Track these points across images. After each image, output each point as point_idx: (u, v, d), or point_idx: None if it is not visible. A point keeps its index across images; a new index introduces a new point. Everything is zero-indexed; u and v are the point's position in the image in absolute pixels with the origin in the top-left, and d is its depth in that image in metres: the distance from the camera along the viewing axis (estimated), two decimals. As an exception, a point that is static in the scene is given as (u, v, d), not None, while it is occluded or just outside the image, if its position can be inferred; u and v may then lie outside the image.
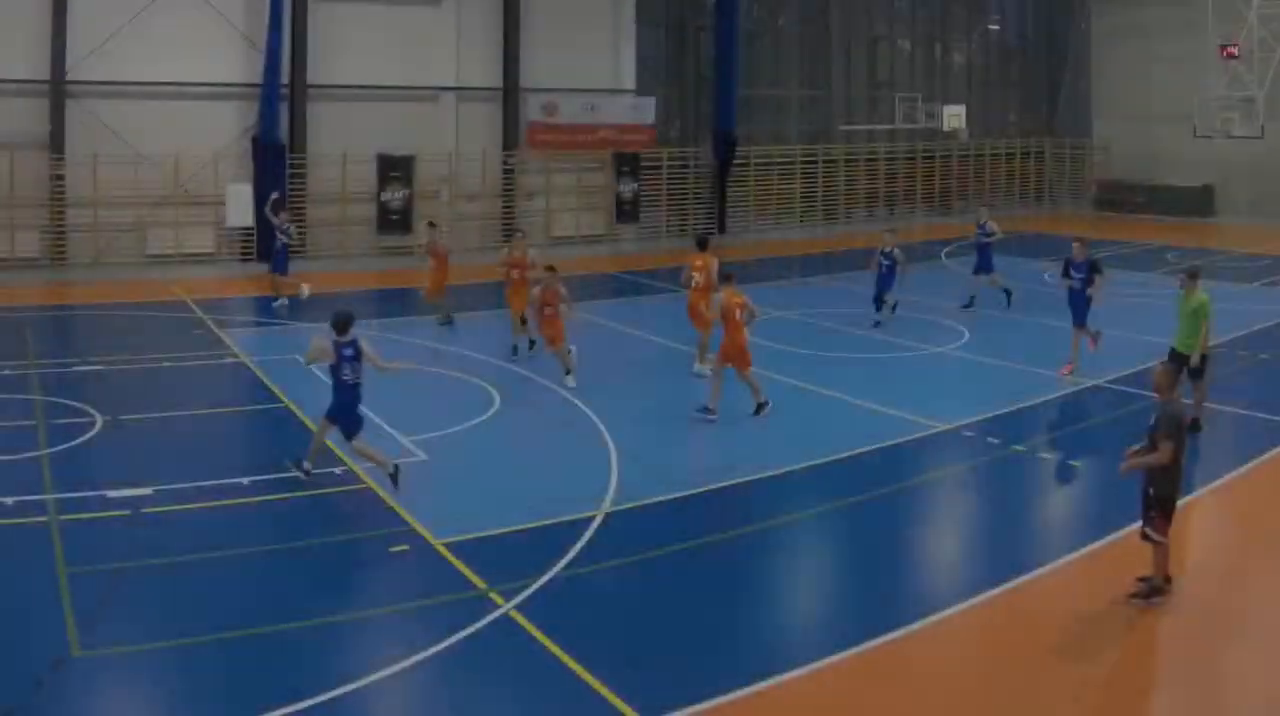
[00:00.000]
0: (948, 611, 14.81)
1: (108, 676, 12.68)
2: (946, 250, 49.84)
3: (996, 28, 72.91)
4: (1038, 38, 73.31)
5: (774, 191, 59.47)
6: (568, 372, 25.58)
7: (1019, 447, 22.00)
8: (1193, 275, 22.69)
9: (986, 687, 13.21)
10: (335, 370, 18.92)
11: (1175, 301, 22.79)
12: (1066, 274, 27.32)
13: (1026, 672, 13.48)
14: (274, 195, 38.28)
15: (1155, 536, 15.05)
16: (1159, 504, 15.01)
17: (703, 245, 27.72)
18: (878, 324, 32.14)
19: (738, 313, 23.17)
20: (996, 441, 22.17)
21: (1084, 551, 16.86)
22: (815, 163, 60.74)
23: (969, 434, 22.67)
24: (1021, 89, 73.93)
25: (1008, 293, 35.67)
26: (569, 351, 25.68)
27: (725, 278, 24.27)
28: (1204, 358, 22.40)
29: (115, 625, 13.72)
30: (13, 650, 13.02)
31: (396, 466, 18.73)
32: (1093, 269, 26.89)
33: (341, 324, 18.99)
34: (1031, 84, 73.89)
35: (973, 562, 17.32)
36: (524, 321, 28.41)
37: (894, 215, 63.42)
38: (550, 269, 25.91)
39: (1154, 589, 15.11)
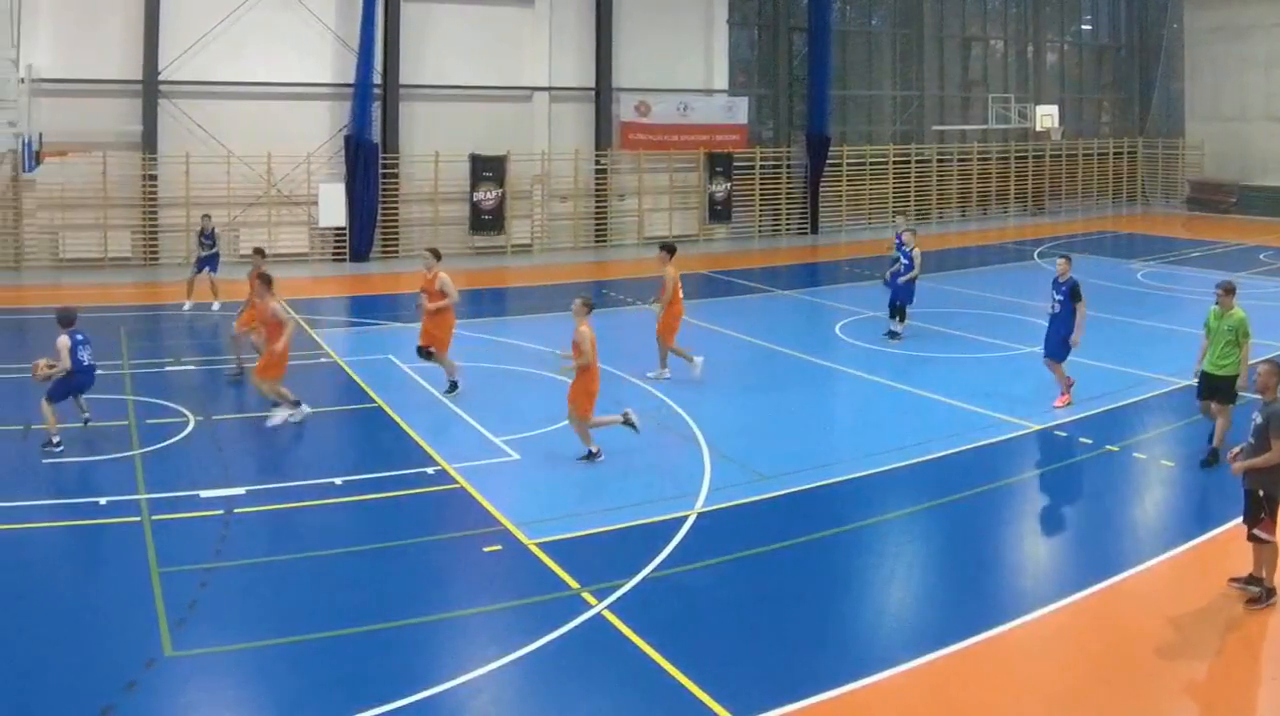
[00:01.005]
0: (1044, 610, 14.39)
1: (199, 677, 12.40)
2: (1039, 250, 48.30)
3: (1089, 27, 70.99)
4: (1130, 37, 70.87)
5: (866, 191, 57.71)
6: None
7: (1112, 447, 21.01)
8: (1229, 290, 20.18)
9: (1087, 687, 12.58)
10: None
11: (1209, 318, 20.38)
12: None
13: (1128, 671, 12.92)
14: None
15: (1265, 537, 14.40)
16: (1268, 504, 14.40)
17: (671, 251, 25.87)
18: (893, 334, 29.09)
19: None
20: (1089, 441, 21.31)
21: (1180, 550, 16.40)
22: (907, 163, 59.00)
23: (1061, 434, 21.91)
24: (1114, 89, 71.85)
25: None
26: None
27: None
28: (1235, 380, 19.86)
29: (207, 625, 13.41)
30: (106, 650, 12.74)
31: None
32: (1073, 294, 22.92)
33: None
34: (1124, 84, 71.55)
35: (1068, 561, 16.64)
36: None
37: (986, 215, 62.19)
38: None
39: (1268, 591, 14.44)
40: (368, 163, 44.28)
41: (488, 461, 19.24)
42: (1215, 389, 20.02)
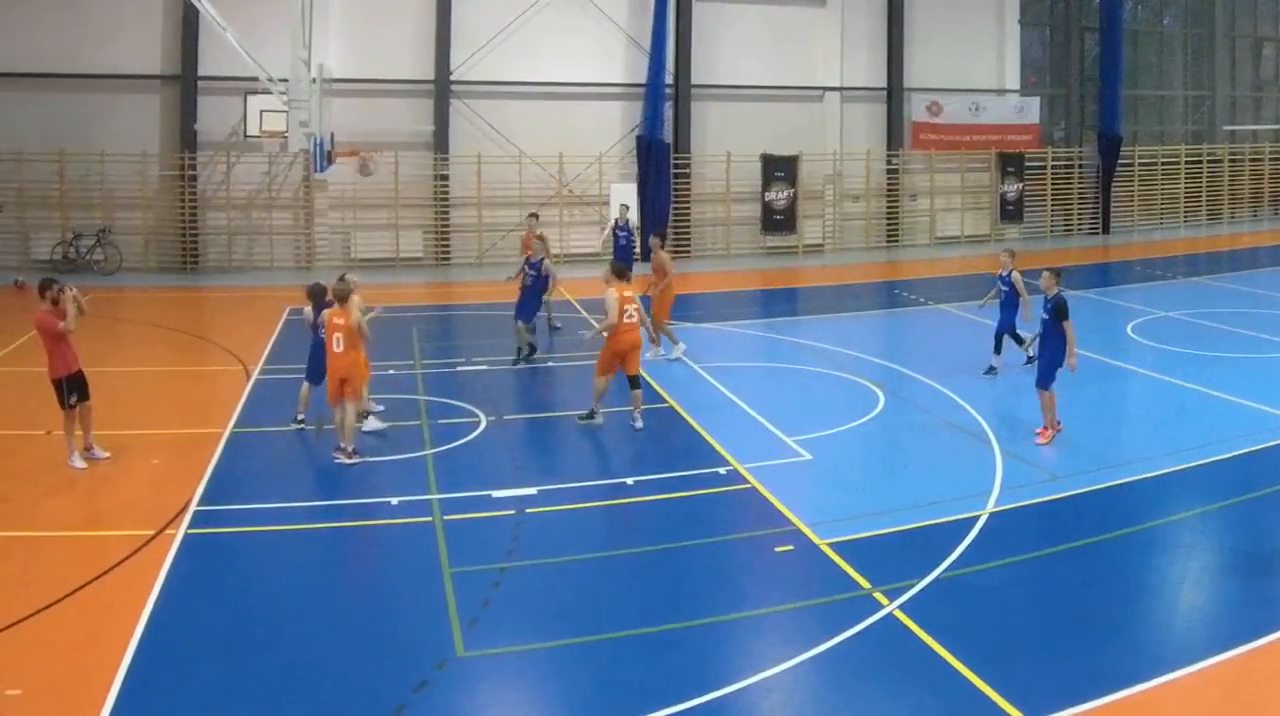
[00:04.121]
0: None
1: (491, 677, 11.57)
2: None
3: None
4: None
5: (1157, 191, 52.17)
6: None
7: None
8: None
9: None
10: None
11: None
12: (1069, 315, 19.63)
13: None
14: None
15: None
16: None
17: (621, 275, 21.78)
18: (992, 370, 23.62)
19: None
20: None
21: None
22: (1199, 163, 52.88)
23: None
24: None
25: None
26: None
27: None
28: None
29: (499, 626, 12.53)
30: (399, 650, 11.98)
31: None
32: (1057, 312, 18.78)
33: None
34: None
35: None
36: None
37: (1278, 215, 56.00)
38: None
39: None
40: (659, 162, 41.01)
41: (780, 461, 17.97)
42: None
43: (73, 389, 17.31)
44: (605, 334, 19.62)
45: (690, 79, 42.06)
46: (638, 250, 31.86)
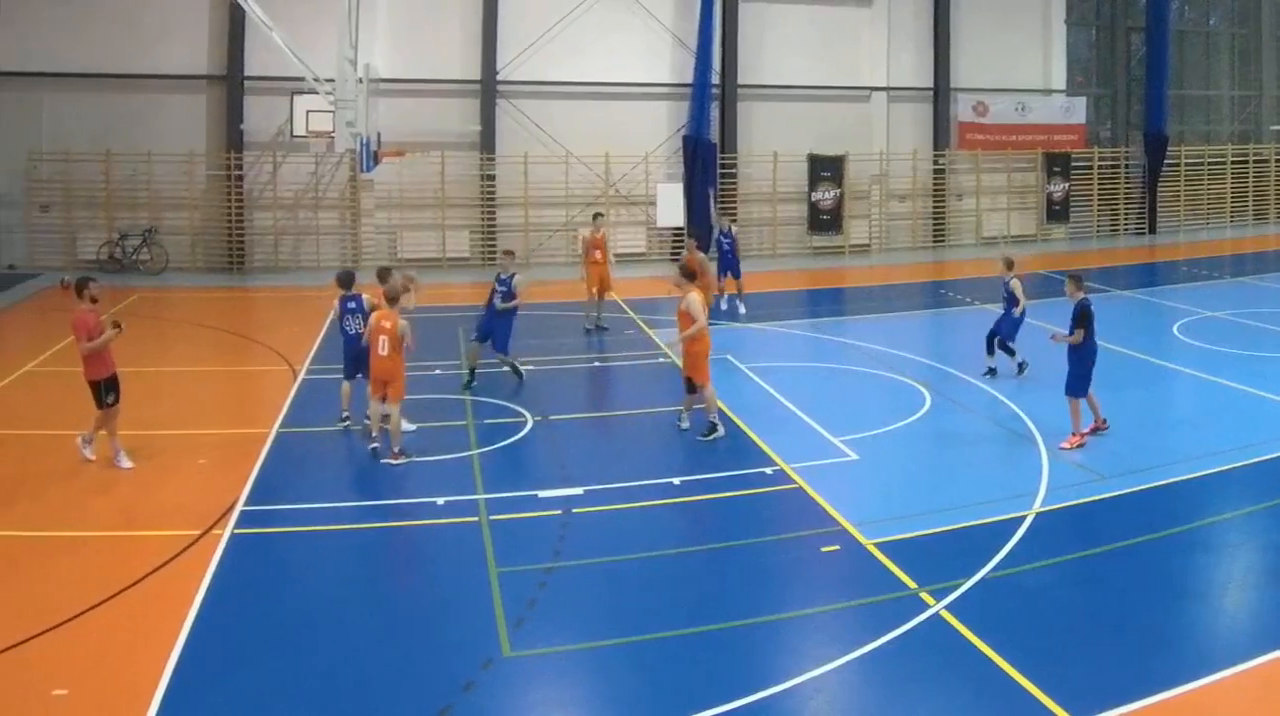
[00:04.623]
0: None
1: (537, 677, 11.42)
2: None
3: None
4: None
5: (1204, 191, 50.75)
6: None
7: None
8: None
9: None
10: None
11: None
12: (1087, 322, 18.98)
13: None
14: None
15: None
16: None
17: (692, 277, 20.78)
18: (991, 371, 23.04)
19: None
20: None
21: None
22: (1245, 163, 51.36)
23: None
24: None
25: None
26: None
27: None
28: None
29: (546, 626, 12.41)
30: (446, 650, 11.91)
31: None
32: (1078, 319, 18.48)
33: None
34: None
35: None
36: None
37: None
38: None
39: None
40: (706, 162, 40.13)
41: (826, 461, 17.82)
42: None
43: (109, 389, 17.09)
44: (686, 339, 19.01)
45: (737, 79, 41.27)
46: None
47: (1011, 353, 22.72)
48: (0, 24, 35.04)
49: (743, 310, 29.55)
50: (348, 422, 19.14)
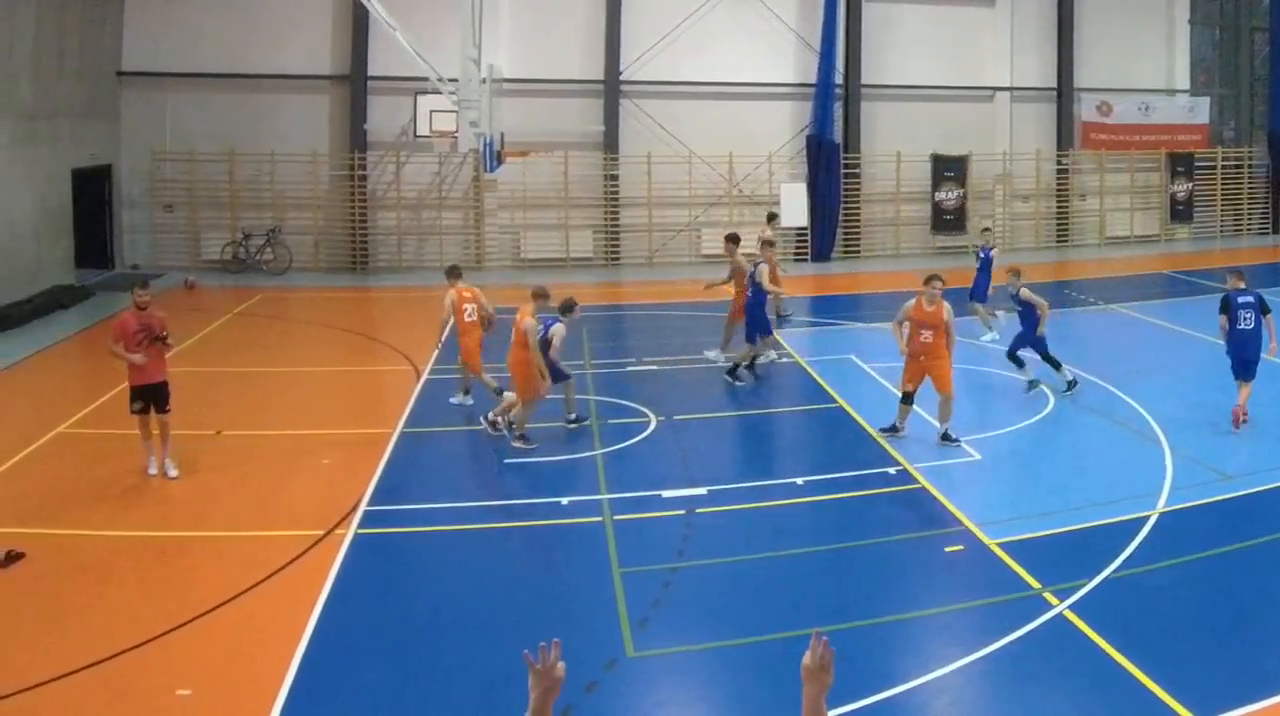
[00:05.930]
0: None
1: (660, 678, 11.10)
2: None
3: None
4: None
5: (1329, 193, 47.46)
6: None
7: None
8: None
9: None
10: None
11: None
12: (1225, 311, 19.13)
13: None
14: None
15: None
16: None
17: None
18: (1033, 383, 21.48)
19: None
20: None
21: None
22: (1370, 164, 48.24)
23: None
24: None
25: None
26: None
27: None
28: None
29: (670, 626, 12.08)
30: (569, 650, 8.91)
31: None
32: (1262, 306, 18.82)
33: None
34: None
35: None
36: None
37: None
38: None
39: None
40: (829, 162, 38.38)
41: (949, 461, 17.31)
42: None
43: (137, 397, 16.16)
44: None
45: (860, 79, 39.25)
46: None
47: (1021, 364, 21.35)
48: (125, 25, 33.88)
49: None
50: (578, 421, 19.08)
